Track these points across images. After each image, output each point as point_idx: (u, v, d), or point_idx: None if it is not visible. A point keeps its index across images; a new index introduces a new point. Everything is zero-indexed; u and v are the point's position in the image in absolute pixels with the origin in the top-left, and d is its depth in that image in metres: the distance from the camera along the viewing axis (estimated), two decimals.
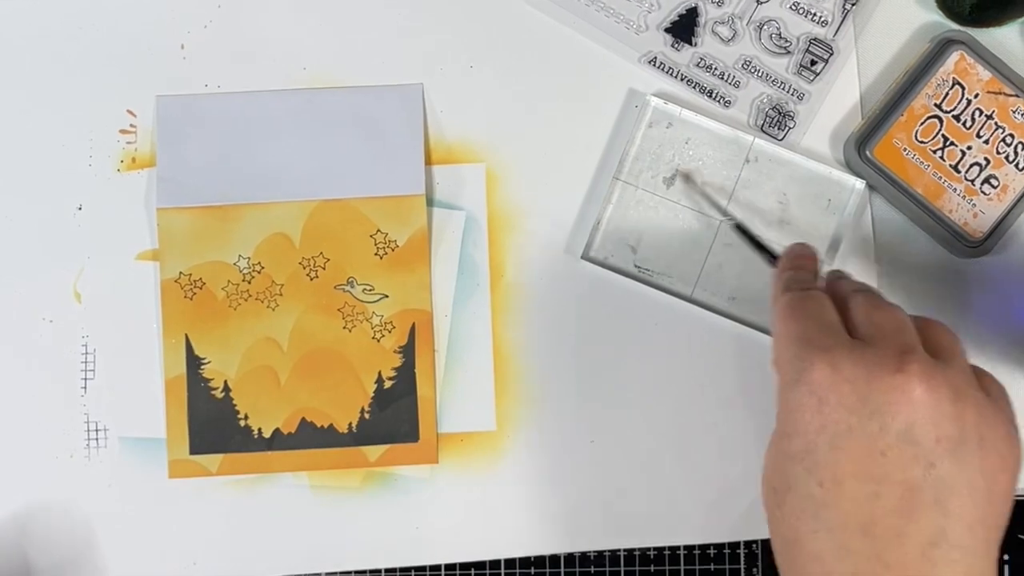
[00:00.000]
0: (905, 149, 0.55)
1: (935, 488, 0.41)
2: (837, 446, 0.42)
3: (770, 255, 0.52)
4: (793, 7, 0.55)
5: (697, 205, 0.56)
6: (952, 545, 0.41)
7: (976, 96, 0.55)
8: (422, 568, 0.57)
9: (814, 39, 0.56)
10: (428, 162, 0.57)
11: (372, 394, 0.56)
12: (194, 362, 0.56)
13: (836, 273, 0.50)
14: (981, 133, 0.55)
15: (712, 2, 0.55)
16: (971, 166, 0.55)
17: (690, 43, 0.56)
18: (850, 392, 0.42)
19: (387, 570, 0.57)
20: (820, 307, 0.46)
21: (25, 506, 0.57)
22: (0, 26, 0.57)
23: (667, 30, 0.56)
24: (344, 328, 0.56)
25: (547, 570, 0.58)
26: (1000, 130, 0.55)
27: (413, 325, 0.56)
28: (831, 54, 0.56)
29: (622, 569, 0.57)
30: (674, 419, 0.57)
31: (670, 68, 0.56)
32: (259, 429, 0.56)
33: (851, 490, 0.42)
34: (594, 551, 0.57)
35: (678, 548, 0.58)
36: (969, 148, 0.55)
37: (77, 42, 0.57)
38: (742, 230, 0.54)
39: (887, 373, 0.42)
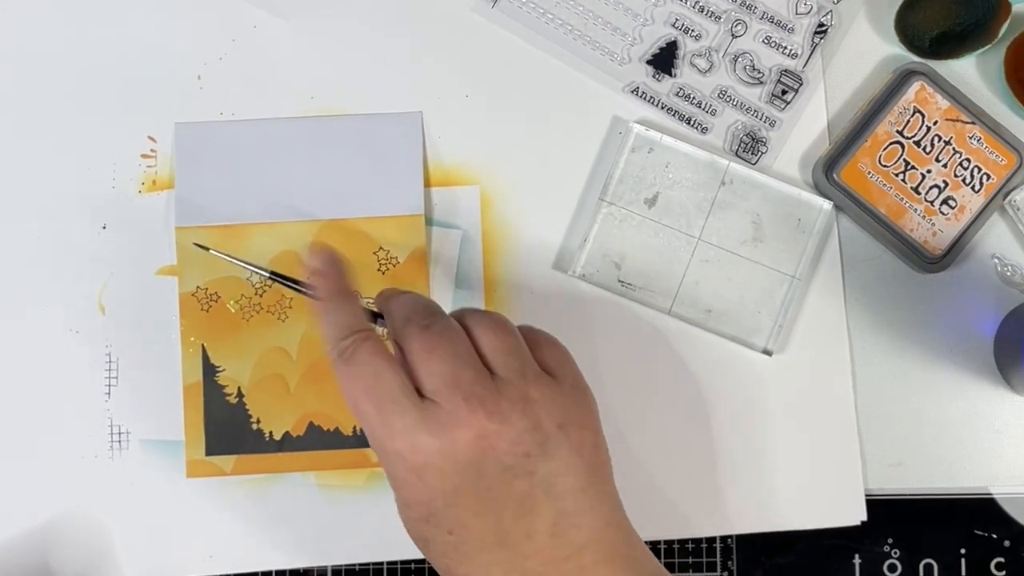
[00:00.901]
0: (869, 172, 0.58)
1: (542, 486, 0.44)
2: (451, 504, 0.44)
3: (306, 287, 0.49)
4: (765, 41, 0.58)
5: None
6: (571, 515, 0.44)
7: (935, 123, 0.57)
8: (421, 560, 0.59)
9: (785, 70, 0.58)
10: (427, 184, 0.59)
11: None
12: (210, 370, 0.58)
13: (392, 289, 0.50)
14: (940, 158, 0.58)
15: (691, 36, 0.58)
16: (931, 188, 0.58)
17: (670, 74, 0.58)
18: (439, 461, 0.43)
19: (389, 563, 0.59)
20: (375, 366, 0.45)
21: (54, 503, 0.59)
22: (32, 60, 0.59)
23: (649, 62, 0.59)
24: None
25: None
26: (958, 155, 0.58)
27: None
28: (801, 84, 0.58)
29: None
30: (654, 424, 0.59)
31: (651, 97, 0.58)
32: (270, 432, 0.58)
33: (477, 526, 0.45)
34: None
35: (658, 543, 0.60)
36: (929, 171, 0.58)
37: (102, 74, 0.59)
38: (276, 276, 0.51)
39: (455, 428, 0.43)
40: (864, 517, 0.59)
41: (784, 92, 0.59)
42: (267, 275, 0.51)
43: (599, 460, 0.47)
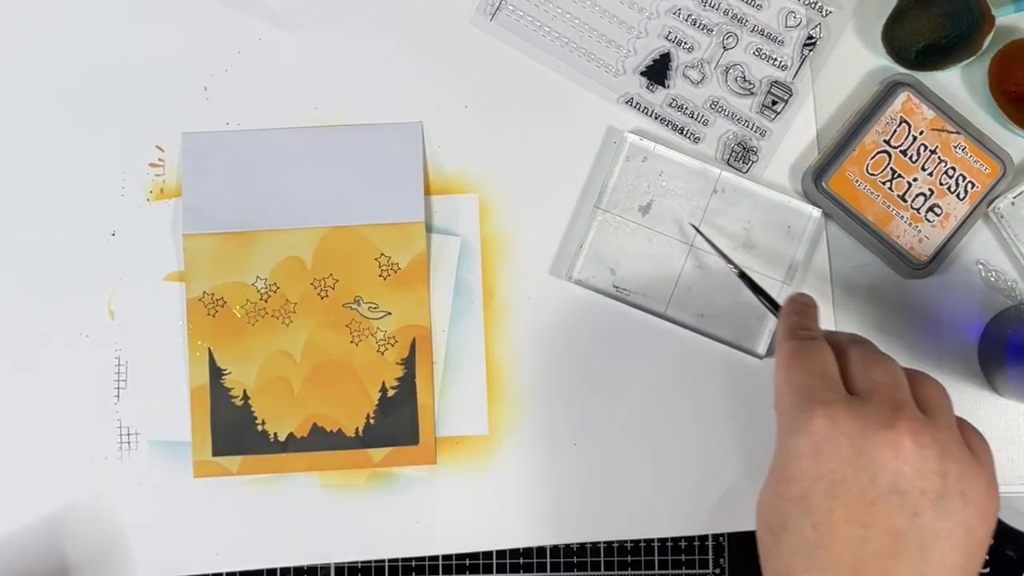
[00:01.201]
0: (857, 181, 0.59)
1: (918, 536, 0.43)
2: (832, 494, 0.43)
3: (772, 302, 0.55)
4: (756, 53, 0.59)
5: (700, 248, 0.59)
6: None
7: (921, 133, 0.59)
8: (421, 558, 0.60)
9: (775, 82, 0.60)
10: (427, 192, 0.60)
11: (376, 402, 0.59)
12: (216, 373, 0.59)
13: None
14: (926, 166, 0.59)
15: (683, 48, 0.59)
16: (916, 196, 0.59)
17: (663, 85, 0.60)
18: (846, 445, 0.43)
19: (390, 560, 0.60)
20: (822, 358, 0.47)
21: (64, 502, 0.59)
22: (43, 72, 0.60)
23: (643, 73, 0.60)
24: (351, 342, 0.59)
25: (534, 560, 0.60)
26: (943, 163, 0.59)
27: (413, 340, 0.59)
28: (790, 95, 0.60)
29: (602, 560, 0.60)
30: (648, 424, 0.60)
31: (645, 108, 0.60)
32: (275, 433, 0.59)
33: (842, 533, 0.43)
34: (576, 543, 0.60)
35: (652, 540, 0.61)
36: (915, 180, 0.59)
37: (111, 85, 0.60)
38: (745, 278, 0.56)
39: (880, 429, 0.43)
40: None
41: (774, 103, 0.60)
42: (737, 271, 0.57)
43: (978, 558, 0.45)
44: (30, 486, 0.59)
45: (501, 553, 0.60)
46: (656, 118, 0.60)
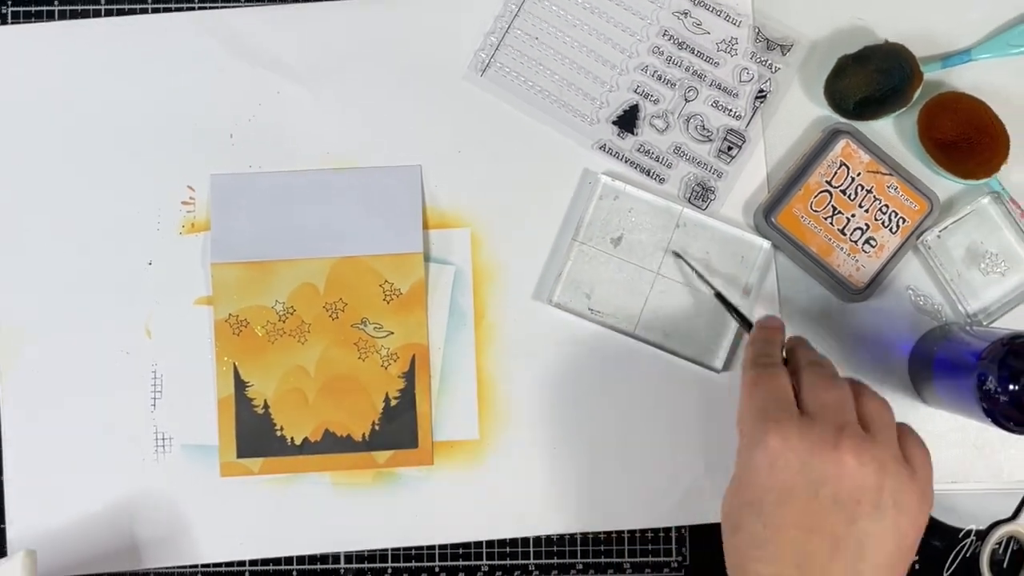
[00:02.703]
0: (802, 216, 0.63)
1: (856, 539, 0.47)
2: (782, 502, 0.48)
3: (746, 322, 0.60)
4: (714, 104, 0.65)
5: (685, 278, 0.63)
6: None
7: (859, 175, 0.63)
8: (420, 547, 0.64)
9: (730, 130, 0.65)
10: (425, 227, 0.64)
11: (381, 410, 0.63)
12: (240, 385, 0.63)
13: (797, 339, 0.56)
14: (863, 204, 0.63)
15: (650, 100, 0.65)
16: (855, 230, 0.63)
17: (633, 133, 0.65)
18: (795, 460, 0.48)
19: (392, 549, 0.64)
20: (778, 383, 0.51)
21: (109, 498, 0.63)
22: (91, 123, 0.65)
23: (614, 122, 0.65)
24: (359, 358, 0.63)
25: (519, 549, 0.64)
26: (878, 202, 0.63)
27: (413, 356, 0.63)
28: (744, 142, 0.65)
29: (579, 548, 0.64)
30: (620, 430, 0.64)
31: (617, 153, 0.65)
32: (292, 438, 0.63)
33: (788, 534, 0.48)
34: (556, 534, 0.64)
35: (623, 532, 0.64)
36: (853, 216, 0.63)
37: (149, 133, 0.64)
38: (722, 299, 0.61)
39: (825, 448, 0.48)
40: None
41: (730, 148, 0.65)
42: (714, 292, 0.62)
43: (907, 558, 0.49)
44: (80, 484, 0.63)
45: (490, 543, 0.64)
46: (626, 162, 0.65)
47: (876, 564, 0.48)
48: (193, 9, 0.65)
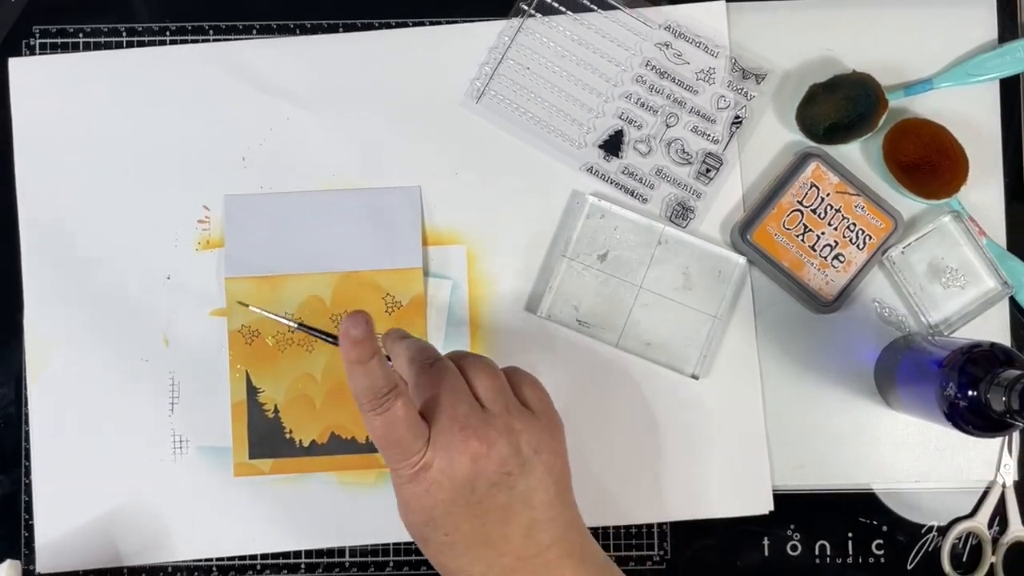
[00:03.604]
0: (776, 234, 0.66)
1: (520, 497, 0.51)
2: (449, 512, 0.51)
3: (332, 337, 0.60)
4: (693, 130, 0.68)
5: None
6: (541, 521, 0.52)
7: (828, 195, 0.66)
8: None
9: (708, 153, 0.68)
10: (424, 244, 0.67)
11: None
12: (252, 391, 0.66)
13: (398, 332, 0.56)
14: (832, 222, 0.66)
15: (634, 126, 0.68)
16: (824, 247, 0.66)
17: (618, 156, 0.68)
18: (440, 479, 0.50)
19: (394, 543, 0.66)
20: (400, 420, 0.50)
21: (128, 498, 0.66)
22: (114, 147, 0.67)
23: (600, 146, 0.68)
24: None
25: None
26: (846, 220, 0.66)
27: None
28: (721, 164, 0.68)
29: None
30: (604, 433, 0.66)
31: (603, 174, 0.68)
32: (300, 440, 0.66)
33: (466, 529, 0.51)
34: None
35: (609, 528, 0.67)
36: (823, 233, 0.66)
37: (168, 156, 0.67)
38: (305, 327, 0.61)
39: (458, 453, 0.50)
40: (771, 508, 0.67)
41: (708, 170, 0.68)
42: (296, 327, 0.60)
43: (564, 478, 0.54)
44: (103, 483, 0.66)
45: None
46: (612, 183, 0.68)
47: (544, 504, 0.52)
48: (208, 41, 0.69)
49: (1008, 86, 0.69)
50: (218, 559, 0.67)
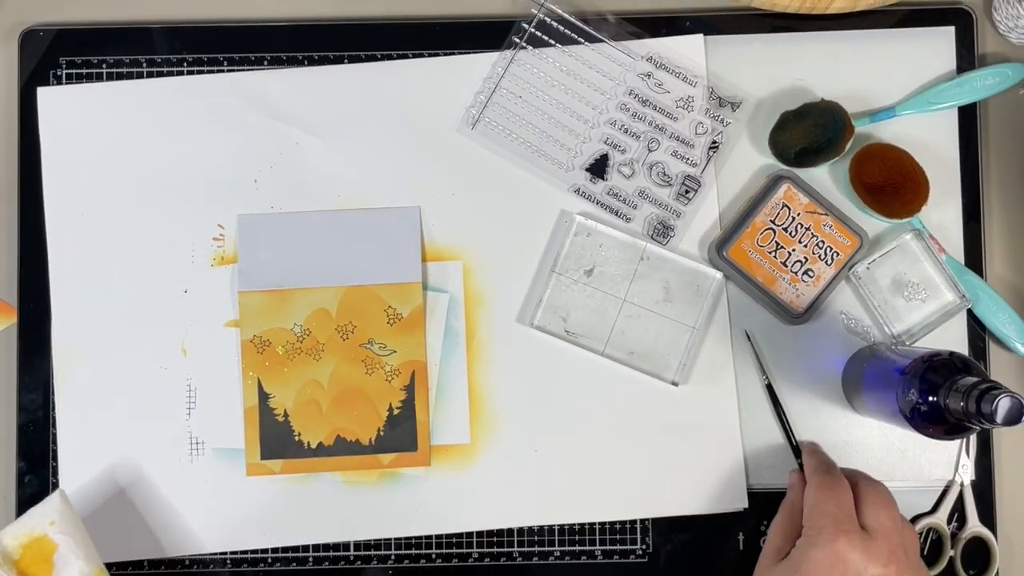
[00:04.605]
0: (750, 251, 0.69)
1: None
2: None
3: (795, 448, 0.68)
4: (673, 154, 0.71)
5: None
6: None
7: (798, 215, 0.69)
8: (419, 536, 0.69)
9: (687, 176, 0.71)
10: (423, 259, 0.69)
11: (385, 418, 0.68)
12: (264, 397, 0.69)
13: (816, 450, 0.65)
14: (802, 240, 0.69)
15: (618, 150, 0.71)
16: (795, 263, 0.69)
17: (603, 178, 0.71)
18: (852, 567, 0.56)
19: (396, 539, 0.69)
20: (845, 494, 0.59)
21: (148, 496, 0.69)
22: (134, 170, 0.70)
23: (587, 169, 0.71)
24: (366, 373, 0.69)
25: (505, 539, 0.69)
26: (815, 238, 0.69)
27: (413, 371, 0.69)
28: (699, 186, 0.71)
29: (556, 538, 0.69)
30: (590, 435, 0.69)
31: (589, 195, 0.71)
32: (308, 442, 0.69)
33: None
34: (537, 526, 0.70)
35: (595, 523, 0.69)
36: (794, 250, 0.69)
37: (184, 178, 0.70)
38: (772, 391, 0.68)
39: (877, 565, 0.56)
40: (746, 504, 0.69)
41: (687, 191, 0.71)
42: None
43: None
44: (124, 483, 0.69)
45: (480, 533, 0.70)
46: (597, 203, 0.71)
47: None
48: (223, 72, 0.72)
49: (966, 113, 0.72)
50: (232, 552, 0.70)
